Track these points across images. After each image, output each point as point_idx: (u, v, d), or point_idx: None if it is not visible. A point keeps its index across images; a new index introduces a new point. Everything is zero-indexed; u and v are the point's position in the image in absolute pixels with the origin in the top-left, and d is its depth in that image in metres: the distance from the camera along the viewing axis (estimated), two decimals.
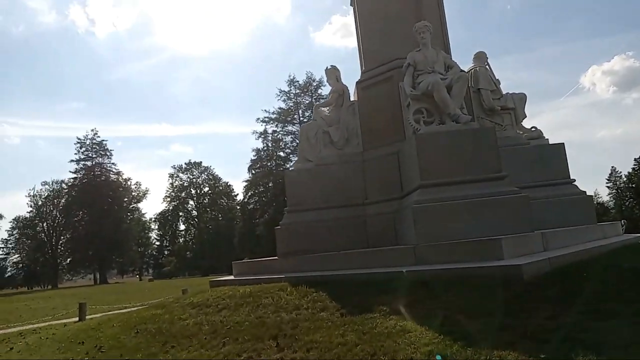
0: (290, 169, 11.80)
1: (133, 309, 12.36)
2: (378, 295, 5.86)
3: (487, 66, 10.22)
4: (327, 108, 10.30)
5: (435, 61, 8.53)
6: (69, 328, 9.73)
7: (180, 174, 77.30)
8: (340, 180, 9.38)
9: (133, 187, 74.78)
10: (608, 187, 78.65)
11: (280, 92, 55.87)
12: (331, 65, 10.34)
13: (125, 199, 72.53)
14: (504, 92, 10.14)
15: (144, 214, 78.88)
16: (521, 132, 10.10)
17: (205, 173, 78.12)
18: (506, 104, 9.79)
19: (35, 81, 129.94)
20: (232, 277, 9.60)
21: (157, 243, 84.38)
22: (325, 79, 10.97)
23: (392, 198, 8.79)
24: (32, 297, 28.63)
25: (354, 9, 10.77)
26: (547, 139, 10.00)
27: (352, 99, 10.20)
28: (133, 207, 74.71)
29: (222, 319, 6.54)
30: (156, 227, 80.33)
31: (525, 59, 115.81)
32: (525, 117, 10.13)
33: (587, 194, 9.40)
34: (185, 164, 77.85)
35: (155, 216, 78.70)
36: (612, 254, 6.91)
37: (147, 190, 76.33)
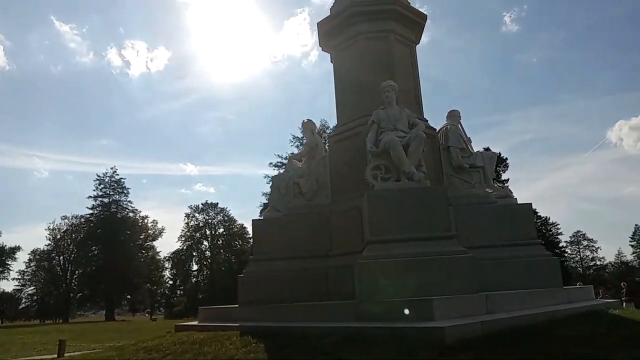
0: (259, 217, 12.00)
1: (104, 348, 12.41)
2: (306, 350, 5.91)
3: (459, 125, 10.42)
4: (302, 160, 10.58)
5: (398, 119, 8.77)
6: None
7: (197, 214, 78.21)
8: (306, 232, 9.51)
9: (149, 225, 75.88)
10: (632, 245, 76.34)
11: (293, 138, 56.84)
12: (307, 119, 10.72)
13: (141, 237, 73.44)
14: (475, 150, 10.29)
15: (158, 252, 79.50)
16: (490, 191, 10.14)
17: (221, 214, 78.87)
18: (475, 162, 9.90)
19: (68, 118, 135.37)
20: (195, 323, 9.68)
21: (170, 282, 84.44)
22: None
23: (352, 252, 8.82)
24: (32, 331, 28.84)
25: (333, 65, 11.21)
26: (516, 199, 10.03)
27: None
28: (148, 245, 75.47)
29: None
30: (169, 266, 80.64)
31: (551, 112, 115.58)
32: (494, 175, 10.20)
33: (552, 256, 9.28)
34: (202, 204, 78.85)
35: (169, 255, 79.19)
36: (559, 321, 6.75)
37: (163, 229, 77.23)
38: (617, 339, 5.78)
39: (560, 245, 63.98)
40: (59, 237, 72.78)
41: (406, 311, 6.25)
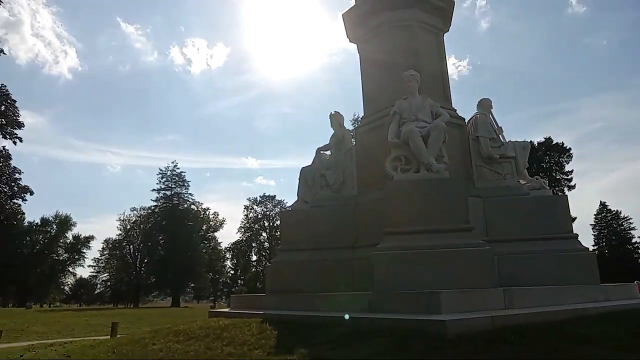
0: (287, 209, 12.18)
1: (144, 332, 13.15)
2: (311, 339, 6.03)
3: (490, 114, 10.06)
4: (329, 152, 10.63)
5: (420, 109, 8.62)
6: (82, 345, 10.61)
7: (255, 207, 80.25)
8: (333, 223, 9.58)
9: (211, 216, 78.77)
10: None
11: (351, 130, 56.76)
12: (335, 111, 10.74)
13: (203, 228, 76.41)
14: (508, 140, 9.90)
15: (220, 243, 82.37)
16: (523, 182, 9.73)
17: (279, 206, 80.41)
18: (506, 153, 9.53)
19: (136, 115, 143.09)
20: (227, 310, 10.04)
21: (232, 272, 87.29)
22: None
23: (376, 243, 8.82)
24: (99, 314, 30.90)
25: (359, 56, 11.15)
26: (550, 190, 9.55)
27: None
28: (209, 235, 78.42)
29: (179, 347, 7.01)
30: (230, 256, 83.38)
31: (624, 98, 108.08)
32: (527, 166, 9.77)
33: (588, 251, 8.79)
34: (260, 197, 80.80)
35: (229, 246, 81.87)
36: (582, 319, 6.41)
37: (224, 221, 79.96)
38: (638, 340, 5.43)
39: (634, 241, 59.74)
40: (128, 227, 77.15)
41: (417, 302, 6.19)
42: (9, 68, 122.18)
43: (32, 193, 25.38)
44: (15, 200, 23.92)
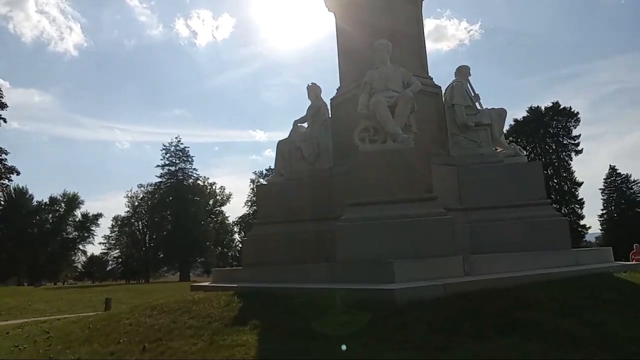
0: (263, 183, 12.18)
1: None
2: (271, 309, 6.16)
3: (468, 82, 9.91)
4: (306, 124, 10.58)
5: (391, 79, 8.51)
6: (65, 321, 10.86)
7: (261, 180, 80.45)
8: (307, 195, 9.59)
9: (217, 191, 79.28)
10: None
11: None
12: (312, 83, 10.61)
13: (210, 202, 77.04)
14: (486, 107, 9.78)
15: (227, 217, 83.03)
16: (499, 149, 9.65)
17: None
18: (481, 120, 9.42)
19: (143, 90, 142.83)
20: (207, 284, 10.21)
21: (240, 246, 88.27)
22: None
23: None
24: (104, 290, 31.53)
25: (335, 26, 10.96)
26: (525, 157, 9.47)
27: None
28: (216, 210, 79.07)
29: (148, 321, 7.17)
30: (238, 230, 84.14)
31: None
32: (503, 133, 9.67)
33: (561, 216, 8.77)
34: (266, 170, 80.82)
35: (237, 219, 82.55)
36: (542, 284, 6.42)
37: (230, 195, 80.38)
38: (588, 303, 5.47)
39: None
40: (136, 204, 77.90)
41: (373, 272, 6.26)
42: (15, 46, 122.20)
43: (18, 173, 25.87)
44: (1, 181, 24.37)
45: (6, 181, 25.38)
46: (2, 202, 65.57)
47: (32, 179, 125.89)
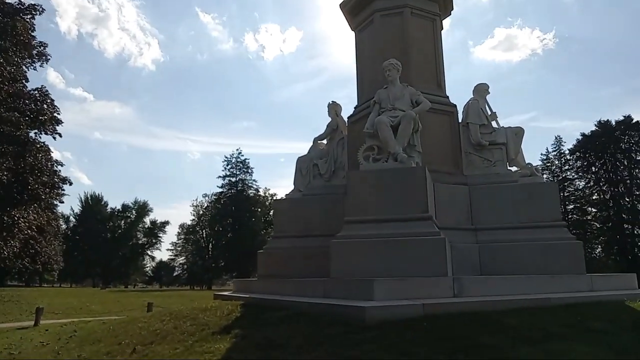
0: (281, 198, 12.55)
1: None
2: (260, 320, 6.46)
3: (485, 100, 9.79)
4: (325, 141, 10.87)
5: (399, 98, 8.64)
6: (96, 322, 11.73)
7: None
8: (322, 211, 9.85)
9: None
10: None
11: None
12: (332, 101, 10.92)
13: (271, 213, 78.93)
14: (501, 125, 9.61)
15: None
16: (518, 169, 9.43)
17: None
18: (496, 139, 9.27)
19: (214, 102, 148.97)
20: (227, 293, 10.69)
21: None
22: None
23: None
24: (159, 295, 33.28)
25: (355, 46, 11.20)
26: (542, 177, 9.18)
27: None
28: None
29: (156, 325, 7.71)
30: None
31: None
32: (519, 152, 9.42)
33: (575, 240, 8.40)
34: None
35: None
36: (527, 310, 6.18)
37: None
38: (566, 331, 5.28)
39: None
40: (201, 213, 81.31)
41: (356, 289, 6.40)
42: (99, 61, 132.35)
43: (70, 183, 28.15)
44: (55, 190, 26.67)
45: (59, 190, 27.94)
46: (79, 208, 70.79)
47: (111, 186, 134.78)
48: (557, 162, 57.07)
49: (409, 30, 9.92)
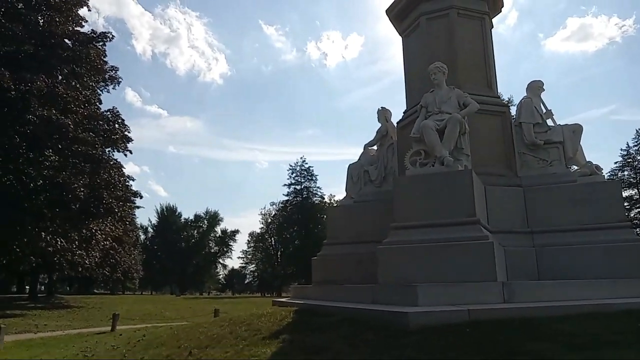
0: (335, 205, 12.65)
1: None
2: (309, 325, 6.65)
3: (539, 97, 9.45)
4: (375, 147, 10.93)
5: (445, 101, 8.55)
6: (165, 327, 12.42)
7: None
8: (374, 217, 9.90)
9: None
10: None
11: None
12: (382, 107, 10.99)
13: None
14: (557, 123, 9.23)
15: None
16: (577, 168, 9.00)
17: None
18: (551, 138, 8.90)
19: (279, 112, 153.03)
20: (284, 299, 11.00)
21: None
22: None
23: None
24: (230, 302, 34.46)
25: (402, 50, 11.18)
26: (603, 176, 8.68)
27: None
28: None
29: (215, 331, 8.12)
30: None
31: None
32: (578, 150, 8.97)
33: None
34: None
35: None
36: (585, 316, 5.91)
37: None
38: (617, 338, 5.00)
39: None
40: (269, 221, 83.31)
41: (402, 294, 6.42)
42: (171, 79, 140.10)
43: (141, 197, 30.14)
44: (128, 203, 28.56)
45: (130, 203, 30.11)
46: (156, 220, 74.80)
47: (184, 197, 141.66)
48: (639, 157, 53.06)
49: (456, 31, 9.79)
